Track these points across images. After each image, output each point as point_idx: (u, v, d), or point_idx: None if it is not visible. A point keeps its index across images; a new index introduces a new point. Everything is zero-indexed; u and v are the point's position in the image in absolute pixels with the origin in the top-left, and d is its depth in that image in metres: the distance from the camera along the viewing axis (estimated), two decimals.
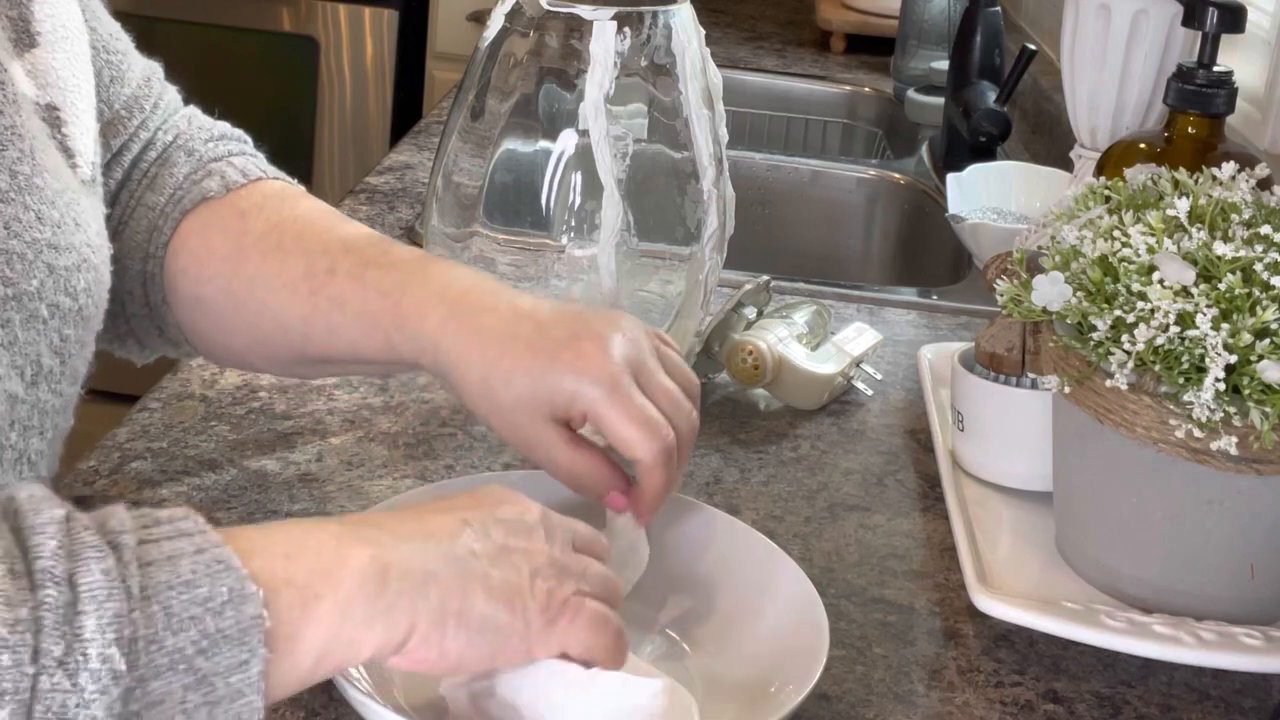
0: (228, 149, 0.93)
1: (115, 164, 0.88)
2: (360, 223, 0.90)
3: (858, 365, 1.17)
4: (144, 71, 0.92)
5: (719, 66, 1.01)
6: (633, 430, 0.77)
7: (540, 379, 0.78)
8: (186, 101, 0.96)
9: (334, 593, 0.60)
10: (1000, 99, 1.68)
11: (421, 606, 0.62)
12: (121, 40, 0.90)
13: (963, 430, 1.03)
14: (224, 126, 0.96)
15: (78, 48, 0.80)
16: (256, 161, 0.93)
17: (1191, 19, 1.12)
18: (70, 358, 0.74)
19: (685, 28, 0.96)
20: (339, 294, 0.83)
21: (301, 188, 0.94)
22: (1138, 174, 0.94)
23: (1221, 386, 0.77)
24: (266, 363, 0.90)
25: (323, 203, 0.92)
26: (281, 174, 0.94)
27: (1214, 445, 0.79)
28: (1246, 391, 0.78)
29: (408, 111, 3.00)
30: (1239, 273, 0.80)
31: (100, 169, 0.81)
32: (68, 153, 0.77)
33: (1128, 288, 0.82)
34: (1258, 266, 0.80)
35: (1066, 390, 0.86)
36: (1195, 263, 0.81)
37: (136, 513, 0.58)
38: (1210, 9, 1.10)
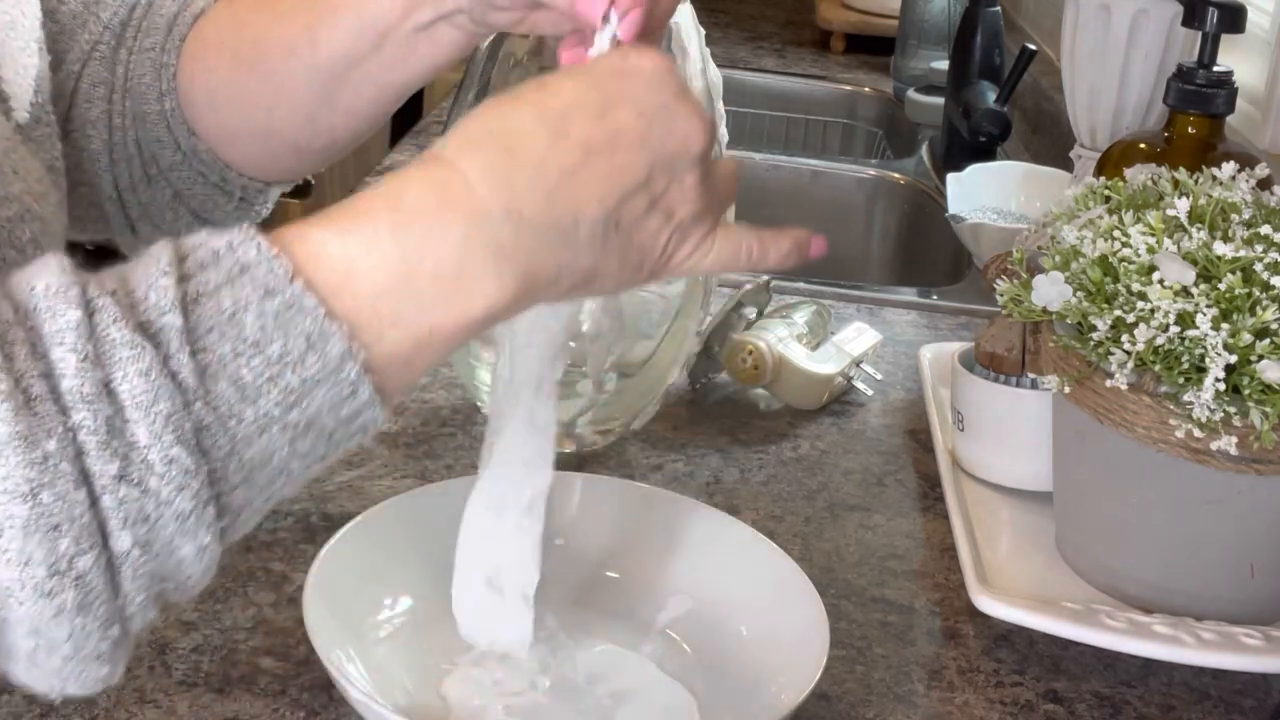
0: None
1: (107, 30, 0.85)
2: None
3: (858, 365, 1.17)
4: None
5: (719, 66, 1.01)
6: None
7: None
8: None
9: (449, 319, 0.56)
10: (1000, 99, 1.68)
11: (549, 295, 0.60)
12: None
13: (963, 430, 1.03)
14: None
15: None
16: None
17: (1191, 19, 1.12)
18: None
19: (685, 28, 0.96)
20: None
21: None
22: (1138, 174, 0.94)
23: (1221, 386, 0.77)
24: (290, 116, 0.83)
25: None
26: None
27: (1214, 445, 0.79)
28: (1246, 391, 0.78)
29: (408, 111, 2.99)
30: (1239, 273, 0.80)
31: (48, 104, 0.77)
32: (0, 97, 0.74)
33: (1128, 288, 0.82)
34: (1258, 266, 0.80)
35: (1066, 390, 0.86)
36: (1195, 263, 0.81)
37: (188, 251, 0.53)
38: (1210, 9, 1.10)
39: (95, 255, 0.85)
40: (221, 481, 0.52)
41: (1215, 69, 1.10)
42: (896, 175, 1.86)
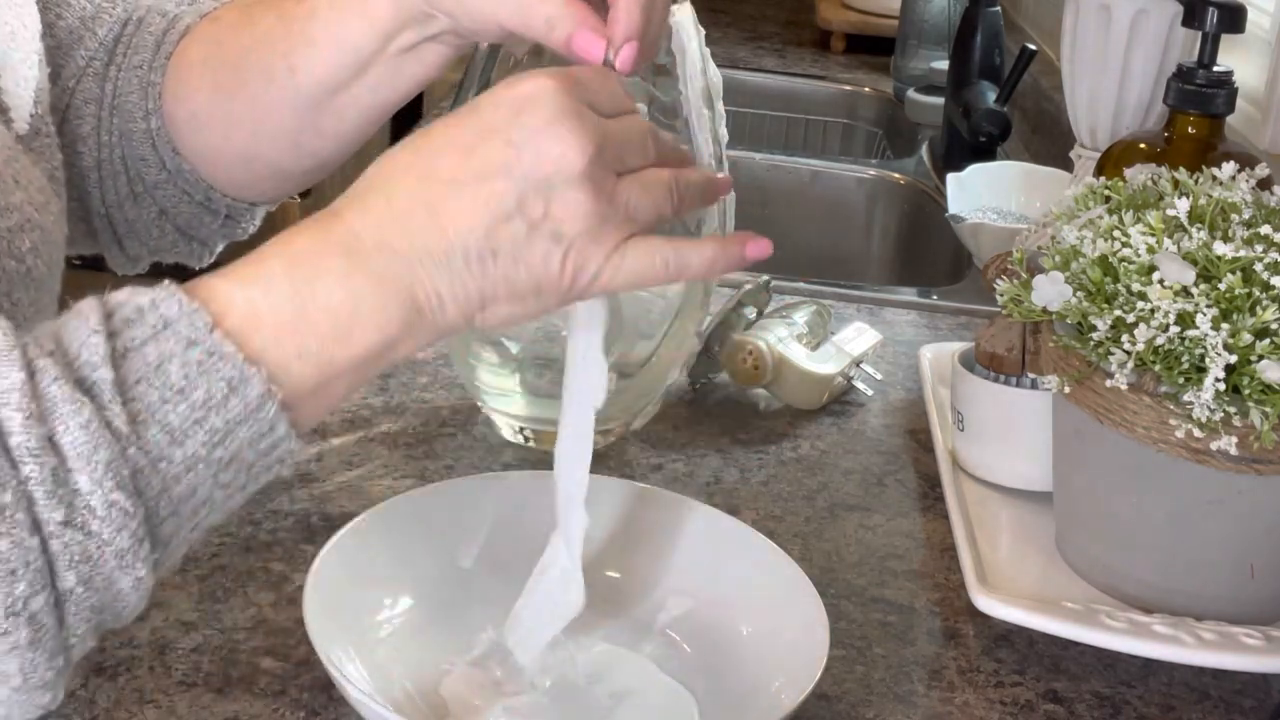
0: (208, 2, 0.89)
1: (101, 47, 0.85)
2: None
3: (858, 365, 1.17)
4: None
5: (719, 66, 1.00)
6: None
7: None
8: None
9: (349, 350, 0.61)
10: (1000, 99, 1.68)
11: (442, 322, 0.64)
12: None
13: (963, 430, 1.03)
14: None
15: None
16: None
17: (1191, 19, 1.12)
18: (25, 321, 0.71)
19: (685, 28, 0.96)
20: (311, 6, 0.79)
21: None
22: (1138, 174, 0.94)
23: (1221, 386, 0.77)
24: (273, 141, 0.84)
25: None
26: None
27: (1214, 445, 0.79)
28: (1246, 391, 0.78)
29: (408, 111, 2.99)
30: (1239, 273, 0.80)
31: (47, 116, 0.78)
32: (0, 108, 0.74)
33: (1128, 288, 0.82)
34: (1258, 266, 0.80)
35: (1066, 390, 0.86)
36: (1195, 263, 0.81)
37: (114, 309, 0.57)
38: (1210, 9, 1.10)
39: (88, 268, 0.85)
40: (154, 517, 0.57)
41: (1215, 69, 1.10)
42: (896, 175, 1.86)
